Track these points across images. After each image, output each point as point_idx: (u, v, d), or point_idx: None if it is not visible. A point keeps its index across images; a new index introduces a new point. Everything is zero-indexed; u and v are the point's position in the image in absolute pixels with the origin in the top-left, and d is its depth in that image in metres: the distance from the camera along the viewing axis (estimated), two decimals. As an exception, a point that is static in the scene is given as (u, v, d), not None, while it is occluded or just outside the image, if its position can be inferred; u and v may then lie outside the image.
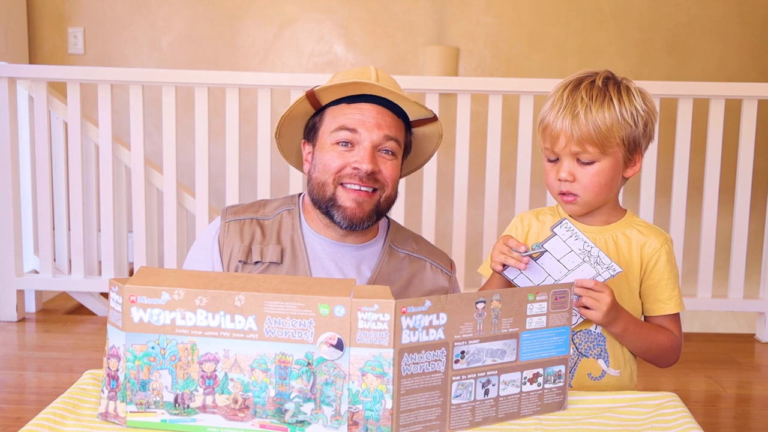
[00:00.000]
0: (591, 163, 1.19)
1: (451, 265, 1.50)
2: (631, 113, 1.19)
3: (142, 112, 2.77)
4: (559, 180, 1.22)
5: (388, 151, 1.34)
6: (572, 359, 1.25)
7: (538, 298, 0.99)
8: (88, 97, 2.92)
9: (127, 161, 2.90)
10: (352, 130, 1.31)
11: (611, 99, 1.18)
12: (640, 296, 1.28)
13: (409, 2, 3.87)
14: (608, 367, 1.26)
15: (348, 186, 1.32)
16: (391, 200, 1.37)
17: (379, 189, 1.34)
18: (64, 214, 2.98)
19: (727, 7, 3.85)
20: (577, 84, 1.21)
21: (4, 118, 2.77)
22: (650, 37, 3.87)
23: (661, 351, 1.26)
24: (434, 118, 1.39)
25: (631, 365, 1.29)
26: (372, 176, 1.32)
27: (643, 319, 1.30)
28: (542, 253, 1.20)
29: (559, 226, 1.20)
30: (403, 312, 0.89)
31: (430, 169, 2.75)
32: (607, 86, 1.20)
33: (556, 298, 1.01)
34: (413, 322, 0.90)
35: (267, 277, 1.00)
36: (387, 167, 1.34)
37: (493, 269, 1.25)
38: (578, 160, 1.20)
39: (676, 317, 1.27)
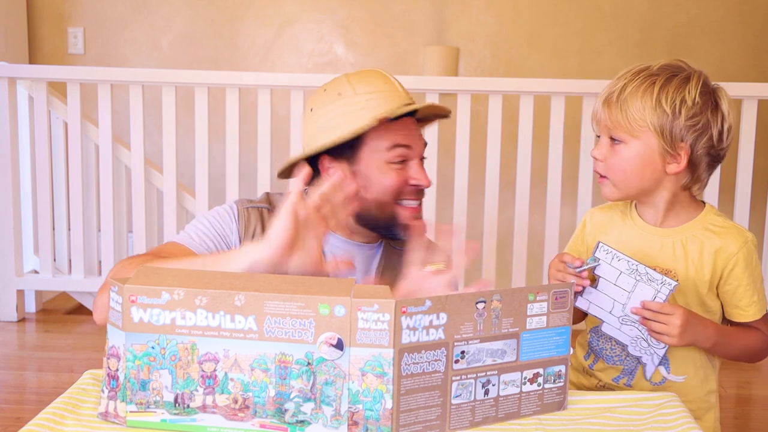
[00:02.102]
0: (621, 144, 1.16)
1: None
2: (673, 101, 1.12)
3: (142, 112, 2.77)
4: (593, 158, 1.20)
5: (424, 158, 1.37)
6: (632, 364, 1.23)
7: (538, 298, 0.99)
8: (88, 97, 2.93)
9: (127, 161, 2.90)
10: (407, 146, 1.32)
11: (654, 83, 1.13)
12: (718, 297, 1.22)
13: (409, 2, 3.87)
14: (669, 373, 1.22)
15: (405, 203, 1.34)
16: None
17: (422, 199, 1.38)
18: (64, 214, 2.98)
19: (727, 7, 3.85)
20: (632, 68, 1.18)
21: (4, 118, 2.77)
22: (650, 37, 3.87)
23: (752, 353, 1.23)
24: (448, 115, 1.43)
25: (706, 370, 1.24)
26: (422, 190, 1.36)
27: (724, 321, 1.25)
28: (597, 265, 1.16)
29: (598, 250, 1.16)
30: (403, 312, 0.89)
31: (430, 169, 2.73)
32: (660, 72, 1.15)
33: (556, 298, 1.01)
34: (413, 321, 0.90)
35: (267, 276, 1.00)
36: (427, 174, 1.38)
37: None
38: (611, 139, 1.17)
39: (763, 318, 1.21)
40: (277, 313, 0.90)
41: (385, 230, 1.35)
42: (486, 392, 0.98)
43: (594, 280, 1.18)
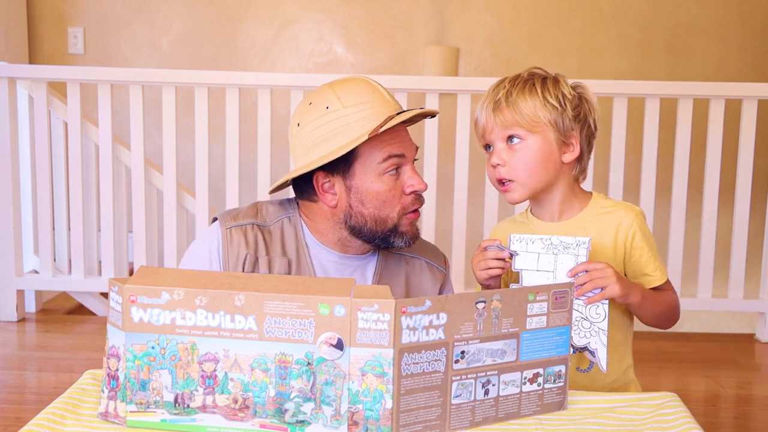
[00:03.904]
0: (520, 142, 1.22)
1: (445, 261, 1.49)
2: (556, 96, 1.22)
3: (142, 112, 2.77)
4: (493, 167, 1.25)
5: (415, 159, 1.36)
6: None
7: (538, 298, 0.99)
8: (88, 97, 2.92)
9: (127, 161, 2.90)
10: (401, 156, 1.30)
11: (534, 85, 1.22)
12: (626, 275, 1.27)
13: (409, 2, 3.87)
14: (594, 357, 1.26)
15: (410, 212, 1.33)
16: None
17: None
18: (64, 214, 2.98)
19: (727, 7, 3.85)
20: (503, 79, 1.26)
21: (4, 118, 2.77)
22: (650, 37, 3.87)
23: (670, 311, 1.29)
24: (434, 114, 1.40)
25: (622, 346, 1.29)
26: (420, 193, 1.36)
27: None
28: (516, 254, 1.21)
29: (511, 243, 1.21)
30: (403, 312, 0.89)
31: (430, 169, 2.75)
32: (532, 77, 1.24)
33: (556, 298, 1.01)
34: (413, 321, 0.90)
35: (267, 276, 1.00)
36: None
37: (483, 284, 1.27)
38: (508, 141, 1.23)
39: (667, 281, 1.29)
40: (277, 313, 0.90)
41: (382, 241, 1.33)
42: (486, 392, 0.98)
43: (518, 278, 1.22)
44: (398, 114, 1.28)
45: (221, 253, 1.33)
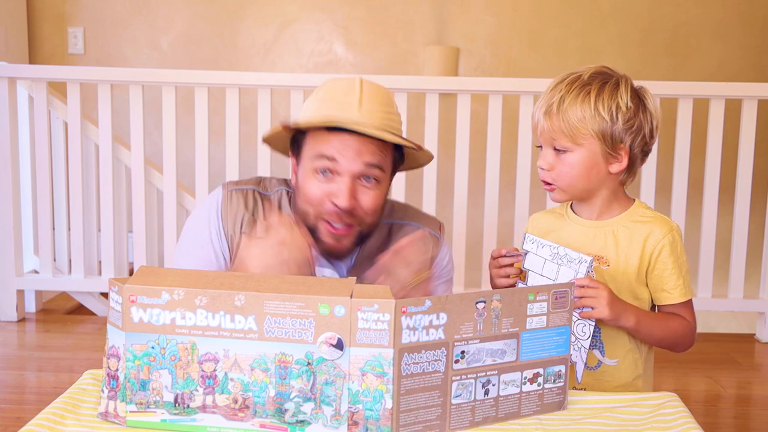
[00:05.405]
0: (566, 153, 1.22)
1: (440, 227, 1.45)
2: (609, 107, 1.20)
3: (142, 112, 2.77)
4: (540, 168, 1.26)
5: (369, 179, 1.27)
6: None
7: (538, 298, 0.99)
8: (88, 97, 2.92)
9: (127, 161, 2.90)
10: (331, 159, 1.24)
11: (589, 92, 1.20)
12: (647, 286, 1.27)
13: (409, 2, 3.87)
14: (603, 357, 1.27)
15: (326, 220, 1.28)
16: (373, 226, 1.33)
17: (357, 224, 1.29)
18: (64, 214, 2.98)
19: (727, 7, 3.85)
20: (564, 78, 1.24)
21: (4, 118, 2.77)
22: (650, 37, 3.87)
23: (675, 338, 1.27)
24: (419, 149, 1.33)
25: (634, 354, 1.28)
26: (350, 213, 1.26)
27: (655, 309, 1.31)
28: (526, 253, 1.25)
29: (525, 242, 1.25)
30: (403, 312, 0.89)
31: (430, 169, 2.75)
32: (591, 81, 1.22)
33: (556, 298, 1.01)
34: (413, 321, 0.90)
35: (267, 276, 1.00)
36: (368, 197, 1.27)
37: (499, 286, 1.29)
38: (555, 148, 1.23)
39: (686, 303, 1.27)
40: (277, 313, 0.90)
41: (314, 237, 1.30)
42: (486, 392, 0.98)
43: (524, 277, 1.26)
44: (355, 123, 1.23)
45: (220, 212, 1.35)
